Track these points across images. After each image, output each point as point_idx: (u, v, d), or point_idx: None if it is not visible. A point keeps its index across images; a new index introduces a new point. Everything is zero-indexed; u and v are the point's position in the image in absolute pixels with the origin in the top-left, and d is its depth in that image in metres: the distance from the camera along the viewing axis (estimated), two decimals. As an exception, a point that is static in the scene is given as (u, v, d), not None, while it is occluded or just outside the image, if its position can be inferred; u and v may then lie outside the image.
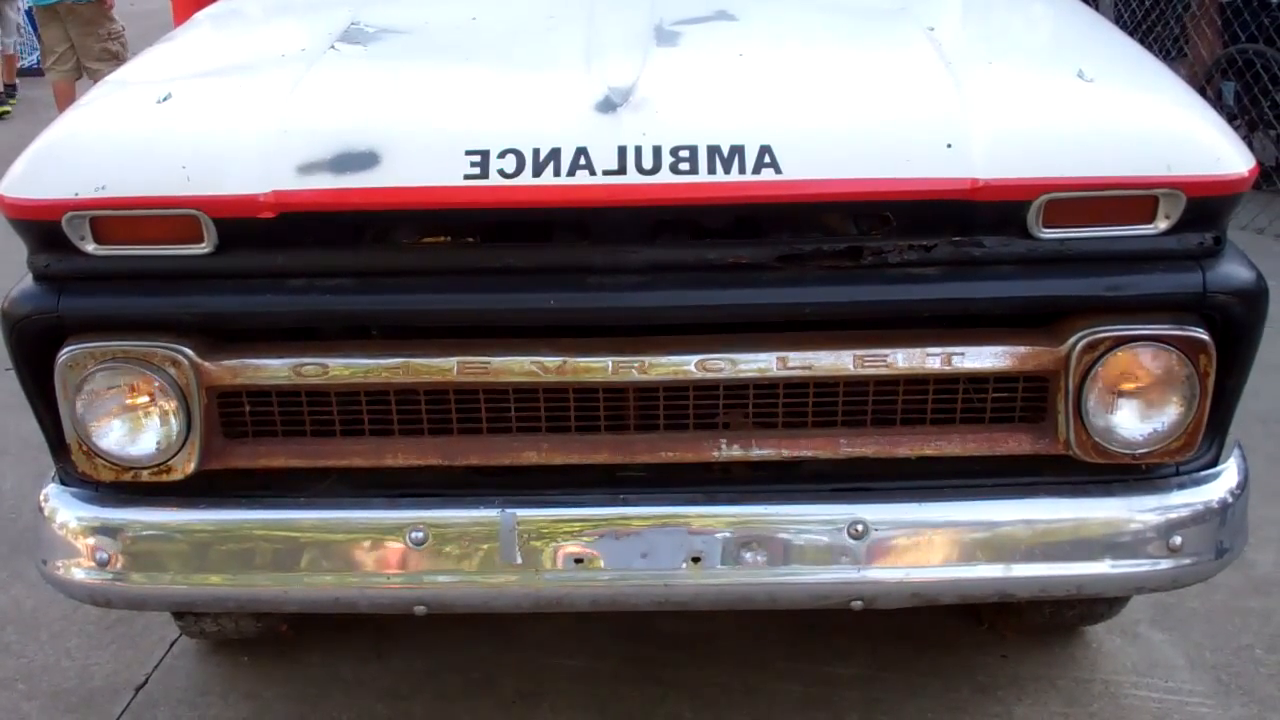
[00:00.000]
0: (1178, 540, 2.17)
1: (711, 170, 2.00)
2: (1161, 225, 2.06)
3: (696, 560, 2.15)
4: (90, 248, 2.07)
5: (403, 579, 2.18)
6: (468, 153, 2.02)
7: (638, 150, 2.01)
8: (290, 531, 2.20)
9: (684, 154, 2.00)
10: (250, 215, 2.02)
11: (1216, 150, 2.07)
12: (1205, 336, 2.06)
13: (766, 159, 2.00)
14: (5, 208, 2.10)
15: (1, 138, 8.39)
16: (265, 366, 2.11)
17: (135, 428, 2.13)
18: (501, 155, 2.01)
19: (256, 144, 2.05)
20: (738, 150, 2.00)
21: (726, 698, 2.89)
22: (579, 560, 2.15)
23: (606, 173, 2.00)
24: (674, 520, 2.15)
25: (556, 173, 2.00)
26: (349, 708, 2.89)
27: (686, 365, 2.09)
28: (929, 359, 2.10)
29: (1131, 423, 2.12)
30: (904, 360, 2.10)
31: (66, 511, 2.22)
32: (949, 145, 2.02)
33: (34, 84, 10.72)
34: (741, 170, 2.00)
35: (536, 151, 2.01)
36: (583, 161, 2.00)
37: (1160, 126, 2.11)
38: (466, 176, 2.01)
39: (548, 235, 2.14)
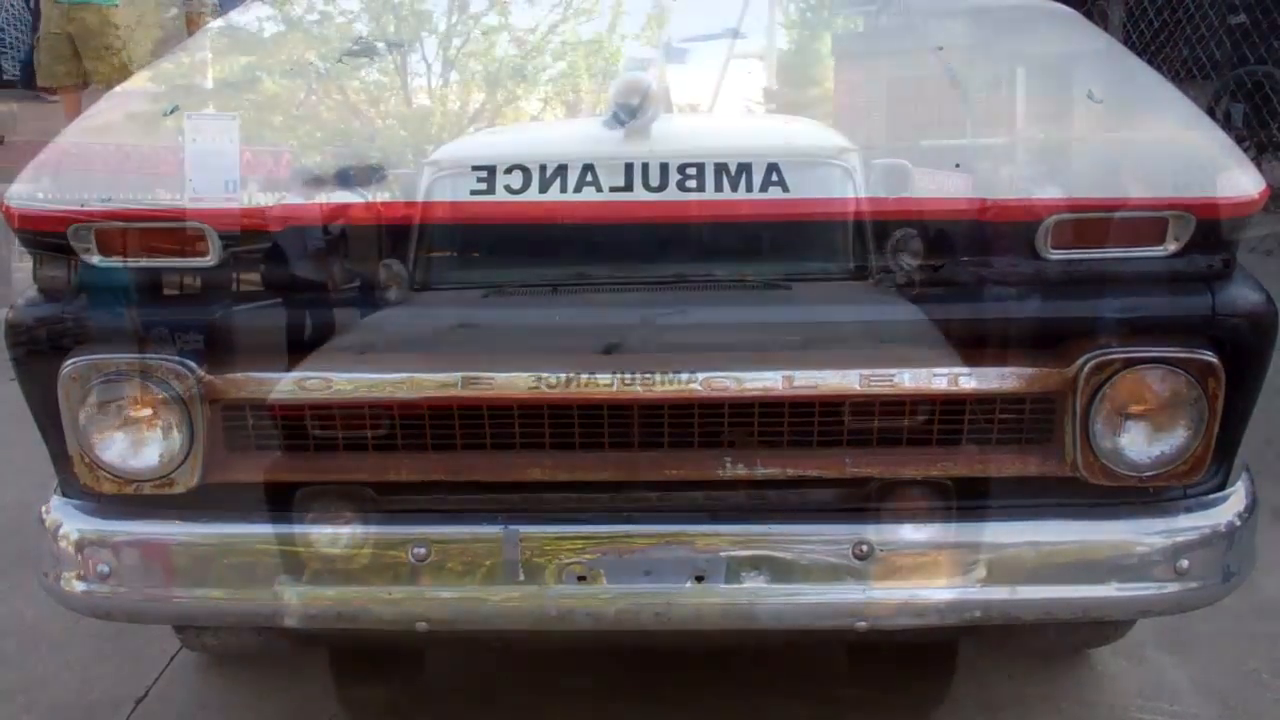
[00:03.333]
0: (1184, 564, 2.16)
1: (719, 188, 1.99)
2: (1171, 247, 2.05)
3: (700, 579, 2.14)
4: (95, 259, 2.07)
5: (404, 595, 2.17)
6: (474, 168, 2.01)
7: (645, 167, 2.00)
8: (292, 546, 2.19)
9: (691, 171, 2.00)
10: (255, 228, 2.02)
11: (1226, 172, 2.06)
12: (1214, 359, 2.05)
13: (774, 177, 1.99)
14: (11, 218, 2.10)
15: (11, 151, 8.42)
16: (269, 380, 2.10)
17: (138, 440, 2.12)
18: (508, 171, 2.01)
19: (263, 157, 2.05)
20: (745, 168, 2.00)
21: (730, 717, 2.86)
22: (582, 578, 2.14)
23: (613, 189, 2.00)
24: (678, 538, 2.14)
25: (563, 189, 2.00)
26: (349, 724, 2.88)
27: (692, 383, 2.08)
28: (935, 379, 2.08)
29: (1139, 445, 2.10)
30: (910, 380, 2.08)
31: (68, 524, 2.21)
32: (957, 165, 2.01)
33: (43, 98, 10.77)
34: (749, 188, 1.99)
35: (543, 168, 2.00)
36: (589, 178, 2.00)
37: (1170, 148, 2.11)
38: (473, 192, 2.00)
39: (554, 251, 2.13)
